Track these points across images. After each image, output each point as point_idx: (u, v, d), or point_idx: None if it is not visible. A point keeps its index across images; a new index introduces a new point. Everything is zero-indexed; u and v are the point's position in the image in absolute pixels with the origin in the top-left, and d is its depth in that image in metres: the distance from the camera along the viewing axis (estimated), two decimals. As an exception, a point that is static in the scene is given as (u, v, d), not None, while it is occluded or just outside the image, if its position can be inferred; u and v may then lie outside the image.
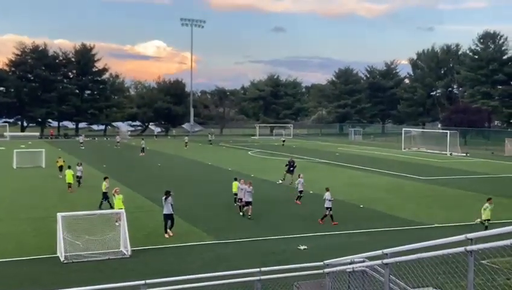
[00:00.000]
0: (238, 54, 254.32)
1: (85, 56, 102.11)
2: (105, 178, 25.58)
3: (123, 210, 18.90)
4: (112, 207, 22.80)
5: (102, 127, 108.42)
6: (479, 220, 20.99)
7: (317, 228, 21.73)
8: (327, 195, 22.53)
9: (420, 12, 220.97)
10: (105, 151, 62.64)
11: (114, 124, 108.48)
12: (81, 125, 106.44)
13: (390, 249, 7.65)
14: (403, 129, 73.54)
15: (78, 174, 31.76)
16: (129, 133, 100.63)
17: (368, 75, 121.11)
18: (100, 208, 23.97)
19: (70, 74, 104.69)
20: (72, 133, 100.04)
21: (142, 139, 65.75)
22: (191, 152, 60.33)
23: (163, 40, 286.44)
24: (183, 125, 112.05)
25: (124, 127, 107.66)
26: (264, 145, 73.85)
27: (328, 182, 31.61)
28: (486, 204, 20.81)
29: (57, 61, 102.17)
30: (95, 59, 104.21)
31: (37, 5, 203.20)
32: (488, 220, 20.46)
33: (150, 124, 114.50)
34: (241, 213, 23.97)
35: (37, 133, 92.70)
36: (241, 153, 62.29)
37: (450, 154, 60.00)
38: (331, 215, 22.28)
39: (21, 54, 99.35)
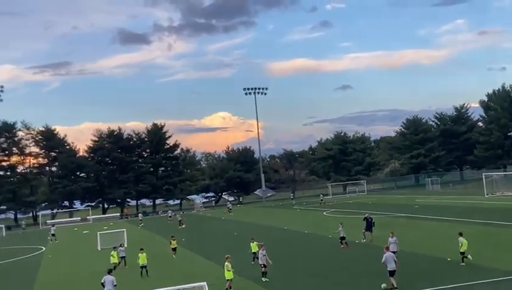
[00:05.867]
0: (302, 116, 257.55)
1: (157, 135, 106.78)
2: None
3: (205, 283, 18.77)
4: None
5: (177, 201, 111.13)
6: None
7: (402, 286, 20.58)
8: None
9: (487, 54, 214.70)
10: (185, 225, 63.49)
11: (188, 197, 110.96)
12: (158, 201, 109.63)
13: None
14: (483, 174, 69.78)
15: (122, 254, 32.84)
16: (202, 205, 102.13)
17: (438, 122, 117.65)
18: None
19: (144, 153, 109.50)
20: (149, 210, 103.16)
21: (170, 211, 68.92)
22: (266, 218, 60.11)
23: (228, 110, 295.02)
24: (255, 192, 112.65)
25: (198, 199, 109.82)
26: (339, 205, 72.42)
27: (410, 236, 30.32)
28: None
29: (131, 142, 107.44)
30: (166, 136, 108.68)
31: (108, 93, 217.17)
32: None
33: (223, 193, 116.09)
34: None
35: (118, 214, 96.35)
36: (316, 214, 61.31)
37: (540, 195, 56.04)
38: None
39: (98, 140, 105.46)
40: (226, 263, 22.44)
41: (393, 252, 24.64)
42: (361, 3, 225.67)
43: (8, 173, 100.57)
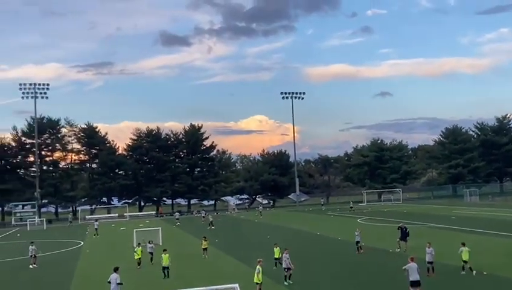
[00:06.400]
0: (339, 122, 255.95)
1: (194, 136, 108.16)
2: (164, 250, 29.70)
3: (236, 285, 19.12)
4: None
5: (212, 202, 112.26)
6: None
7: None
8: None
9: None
10: (216, 225, 64.01)
11: (223, 198, 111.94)
12: (193, 201, 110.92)
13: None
14: (525, 187, 68.10)
15: (150, 250, 33.87)
16: (235, 207, 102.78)
17: (479, 132, 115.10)
18: None
19: (181, 153, 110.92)
20: (184, 209, 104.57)
21: (204, 211, 73.35)
22: (299, 222, 60.13)
23: (265, 114, 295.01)
24: (289, 196, 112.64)
25: (232, 200, 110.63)
26: (373, 212, 71.80)
27: (445, 247, 30.00)
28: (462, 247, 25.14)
29: (169, 142, 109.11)
30: (203, 138, 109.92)
31: (148, 93, 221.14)
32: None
33: (257, 196, 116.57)
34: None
35: (153, 212, 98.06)
36: (349, 221, 60.97)
37: None
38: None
39: (137, 139, 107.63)
40: (257, 267, 22.73)
41: (430, 263, 24.96)
42: (403, 9, 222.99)
43: (51, 168, 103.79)
